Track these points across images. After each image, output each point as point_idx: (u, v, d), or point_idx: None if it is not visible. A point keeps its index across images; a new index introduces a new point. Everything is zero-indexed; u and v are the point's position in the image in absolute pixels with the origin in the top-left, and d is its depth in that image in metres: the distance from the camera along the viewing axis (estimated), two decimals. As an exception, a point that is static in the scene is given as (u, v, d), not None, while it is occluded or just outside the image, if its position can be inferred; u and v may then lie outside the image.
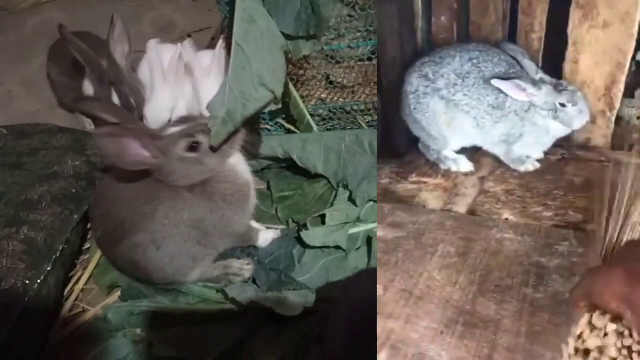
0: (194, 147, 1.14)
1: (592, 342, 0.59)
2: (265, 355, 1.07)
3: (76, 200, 1.39)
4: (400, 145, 1.63)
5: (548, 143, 1.39)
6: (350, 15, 1.45)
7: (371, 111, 1.57)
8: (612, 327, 0.57)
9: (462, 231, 1.17)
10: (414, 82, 1.46)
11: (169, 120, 1.42)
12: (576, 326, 0.62)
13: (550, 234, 1.13)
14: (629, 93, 1.35)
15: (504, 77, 1.34)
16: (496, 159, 1.48)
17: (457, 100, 1.40)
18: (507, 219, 1.20)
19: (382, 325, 0.92)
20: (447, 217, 1.23)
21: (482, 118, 1.40)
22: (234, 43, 1.13)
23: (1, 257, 1.19)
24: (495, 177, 1.40)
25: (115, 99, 1.52)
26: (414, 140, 1.56)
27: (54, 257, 1.25)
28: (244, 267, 1.25)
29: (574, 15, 1.33)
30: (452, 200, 1.31)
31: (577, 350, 0.60)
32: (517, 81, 1.32)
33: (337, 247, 1.25)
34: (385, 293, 1.00)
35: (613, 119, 1.38)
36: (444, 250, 1.10)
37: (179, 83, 1.49)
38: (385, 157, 1.53)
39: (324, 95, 1.58)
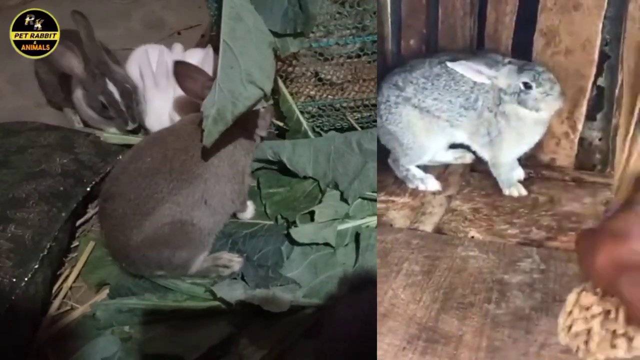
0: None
1: (579, 325, 0.60)
2: (253, 350, 1.08)
3: (64, 198, 1.38)
4: None
5: (530, 142, 1.36)
6: (339, 12, 1.45)
7: (360, 108, 1.57)
8: (597, 309, 0.58)
9: (428, 249, 1.18)
10: (384, 92, 1.44)
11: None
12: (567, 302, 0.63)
13: (514, 251, 1.16)
14: (591, 116, 1.40)
15: (456, 59, 1.31)
16: (464, 178, 1.48)
17: (428, 106, 1.38)
18: (473, 237, 1.22)
19: None
20: (413, 236, 1.24)
21: (456, 120, 1.38)
22: (221, 41, 1.13)
23: (-12, 255, 1.18)
24: (462, 196, 1.40)
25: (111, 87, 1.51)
26: (382, 158, 1.53)
27: (42, 255, 1.24)
28: (234, 259, 1.25)
29: (538, 42, 1.38)
30: (419, 218, 1.31)
31: (568, 328, 0.61)
32: (471, 62, 1.29)
33: (326, 244, 1.25)
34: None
35: (576, 140, 1.43)
36: (409, 268, 1.12)
37: (171, 86, 1.49)
38: None
39: (313, 92, 1.58)
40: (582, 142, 1.44)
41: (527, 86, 1.25)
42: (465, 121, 1.37)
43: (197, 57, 1.49)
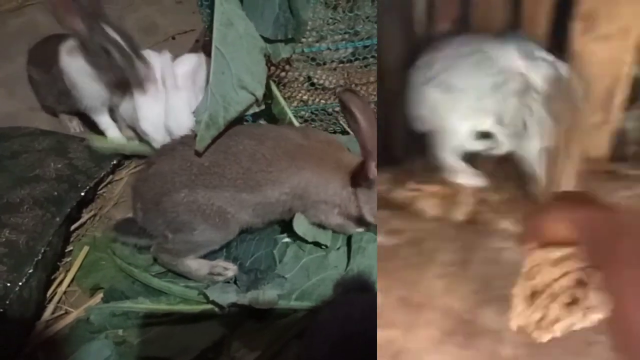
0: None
1: (540, 279, 0.61)
2: (245, 353, 1.09)
3: (58, 202, 1.39)
4: (398, 152, 1.60)
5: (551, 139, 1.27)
6: (332, 18, 1.47)
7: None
8: (557, 254, 0.60)
9: (461, 239, 1.16)
10: (413, 75, 1.41)
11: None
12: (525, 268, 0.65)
13: None
14: (627, 105, 1.35)
15: (488, 41, 1.25)
16: (495, 168, 1.43)
17: (454, 84, 1.32)
18: (504, 229, 1.20)
19: (381, 335, 0.90)
20: (445, 225, 1.22)
21: (481, 102, 1.30)
22: (213, 47, 1.15)
23: (-18, 259, 1.19)
24: (494, 186, 1.37)
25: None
26: (412, 147, 1.51)
27: (36, 259, 1.25)
28: (229, 267, 1.26)
29: (576, 26, 1.33)
30: (450, 208, 1.29)
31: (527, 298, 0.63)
32: (507, 47, 1.23)
33: (318, 245, 1.26)
34: (385, 301, 0.99)
35: (610, 130, 1.38)
36: (443, 258, 1.10)
37: (161, 91, 1.49)
38: (382, 164, 1.53)
39: (305, 97, 1.60)
40: (617, 133, 1.37)
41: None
42: (491, 105, 1.30)
43: (190, 63, 1.50)
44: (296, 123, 1.53)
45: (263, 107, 1.41)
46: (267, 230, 1.33)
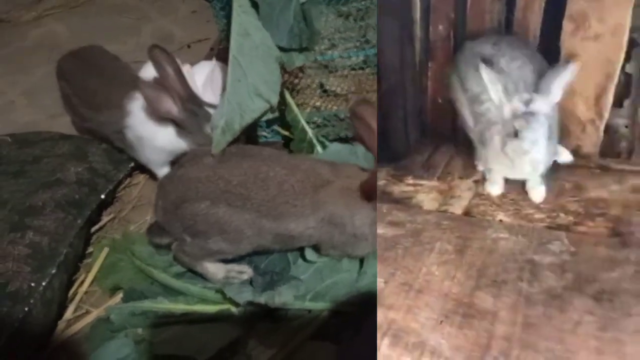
0: None
1: None
2: (260, 350, 1.12)
3: (79, 205, 1.44)
4: (397, 150, 1.65)
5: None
6: (343, 26, 1.51)
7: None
8: None
9: (459, 230, 1.22)
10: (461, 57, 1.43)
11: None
12: None
13: (542, 234, 1.18)
14: (617, 103, 1.38)
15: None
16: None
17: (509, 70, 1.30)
18: (501, 220, 1.25)
19: (383, 316, 0.96)
20: (443, 217, 1.28)
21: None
22: (230, 56, 1.19)
23: (7, 261, 1.24)
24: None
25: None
26: (410, 145, 1.56)
27: (58, 260, 1.30)
28: (244, 270, 1.29)
29: (567, 27, 1.37)
30: (448, 201, 1.34)
31: None
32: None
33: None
34: (386, 286, 1.05)
35: (602, 127, 1.41)
36: (442, 247, 1.16)
37: None
38: (382, 161, 1.57)
39: (318, 103, 1.64)
40: (607, 130, 1.41)
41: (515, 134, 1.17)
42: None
43: (206, 70, 1.55)
44: (308, 129, 1.58)
45: (277, 114, 1.45)
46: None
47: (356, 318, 1.13)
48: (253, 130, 1.59)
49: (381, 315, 0.97)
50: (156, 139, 1.47)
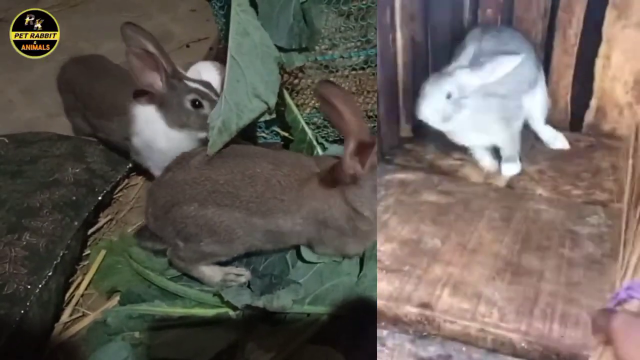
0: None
1: None
2: (259, 354, 1.11)
3: (76, 207, 1.42)
4: None
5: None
6: (344, 26, 1.49)
7: (364, 119, 1.60)
8: None
9: (504, 201, 1.36)
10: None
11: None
12: None
13: (581, 208, 1.31)
14: None
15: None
16: (529, 141, 1.57)
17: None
18: (540, 194, 1.38)
19: (442, 270, 1.12)
20: (488, 189, 1.42)
21: None
22: (229, 56, 1.17)
23: (3, 262, 1.22)
24: (529, 159, 1.53)
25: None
26: None
27: (55, 262, 1.28)
28: (242, 273, 1.28)
29: (610, 14, 1.46)
30: (491, 175, 1.46)
31: None
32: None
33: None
34: (443, 245, 1.20)
35: (639, 111, 1.51)
36: (490, 215, 1.30)
37: None
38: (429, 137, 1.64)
39: (318, 104, 1.62)
40: None
41: None
42: None
43: (206, 70, 1.53)
44: (308, 130, 1.56)
45: (274, 115, 1.44)
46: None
47: (355, 322, 1.12)
48: (252, 131, 1.58)
49: (440, 269, 1.12)
50: (163, 143, 1.44)
